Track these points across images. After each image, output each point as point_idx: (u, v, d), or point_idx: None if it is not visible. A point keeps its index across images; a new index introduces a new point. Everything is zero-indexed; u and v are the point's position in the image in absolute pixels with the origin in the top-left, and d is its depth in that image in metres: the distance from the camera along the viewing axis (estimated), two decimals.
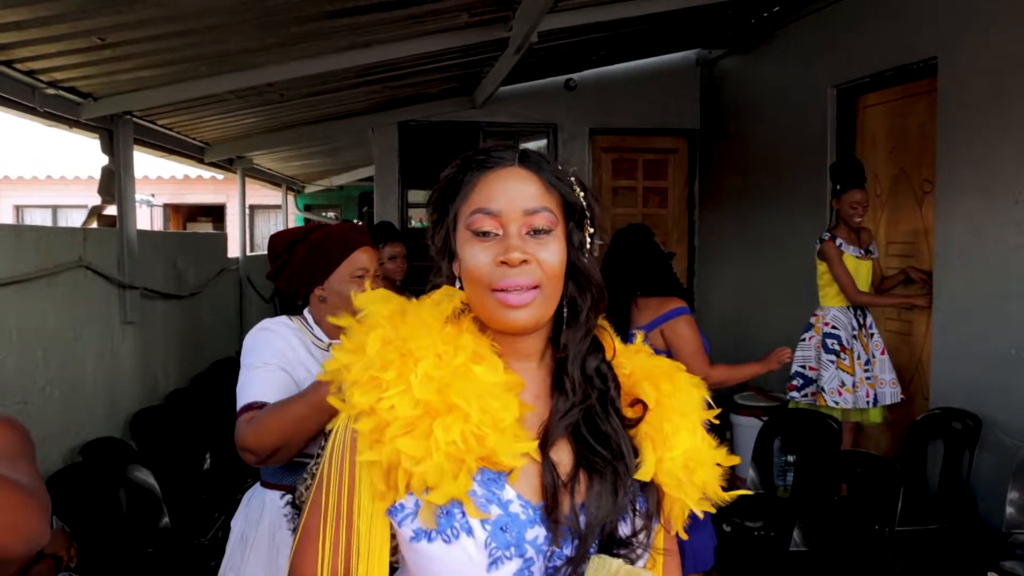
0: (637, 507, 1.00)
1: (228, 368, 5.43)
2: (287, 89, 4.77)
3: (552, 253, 1.00)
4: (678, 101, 6.87)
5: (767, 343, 5.71)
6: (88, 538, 3.12)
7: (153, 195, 13.27)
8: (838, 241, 4.13)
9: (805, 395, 4.22)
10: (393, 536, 1.01)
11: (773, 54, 5.78)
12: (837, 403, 4.05)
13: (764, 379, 5.54)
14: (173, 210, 14.32)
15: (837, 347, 4.09)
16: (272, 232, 2.90)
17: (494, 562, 0.94)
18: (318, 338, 1.98)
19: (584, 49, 5.85)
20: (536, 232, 0.99)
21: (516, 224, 0.99)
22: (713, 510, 1.05)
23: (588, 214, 1.05)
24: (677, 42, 6.44)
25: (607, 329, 1.10)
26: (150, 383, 4.87)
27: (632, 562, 0.98)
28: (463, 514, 0.94)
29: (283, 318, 1.98)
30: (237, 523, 2.01)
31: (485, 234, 0.99)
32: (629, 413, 1.05)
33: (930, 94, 4.12)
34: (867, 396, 4.04)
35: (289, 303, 2.11)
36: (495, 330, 1.02)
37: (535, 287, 0.98)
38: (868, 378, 4.06)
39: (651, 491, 1.02)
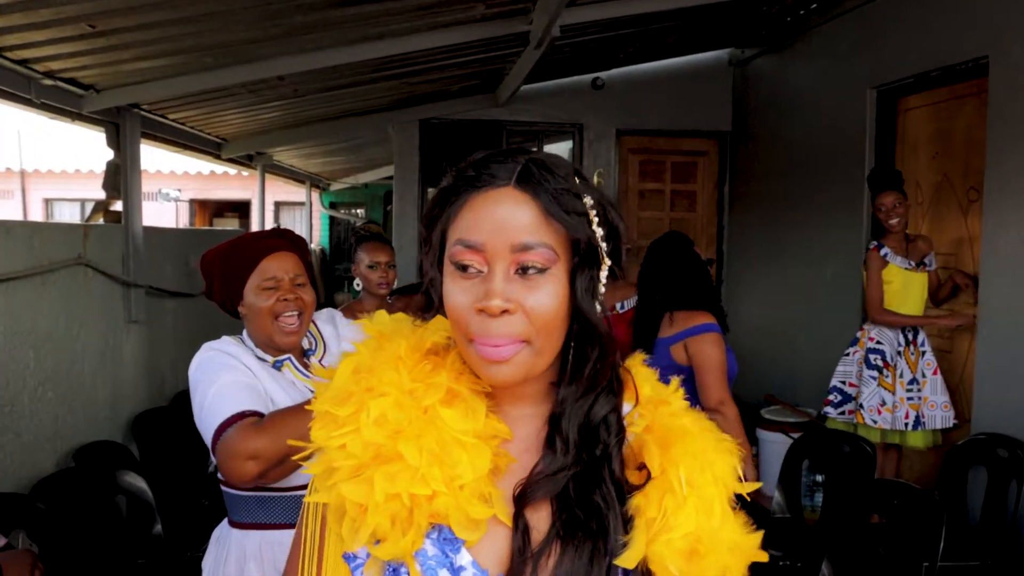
0: None
1: None
2: (300, 83, 4.63)
3: (544, 297, 0.81)
4: (709, 102, 6.63)
5: (797, 353, 5.51)
6: (76, 547, 2.99)
7: (180, 190, 13.27)
8: (883, 250, 3.89)
9: (842, 412, 3.99)
10: None
11: (809, 54, 5.53)
12: (876, 422, 3.81)
13: (794, 392, 5.32)
14: (200, 206, 14.31)
15: (880, 363, 3.85)
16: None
17: None
18: (261, 357, 1.80)
19: (611, 46, 5.64)
20: (526, 270, 0.81)
21: (503, 263, 0.81)
22: None
23: (605, 244, 0.85)
24: (709, 40, 6.21)
25: (631, 374, 0.90)
26: (156, 384, 4.75)
27: None
28: (408, 575, 0.82)
29: (226, 338, 1.80)
30: (207, 563, 1.85)
31: (465, 268, 0.82)
32: (634, 478, 0.85)
33: (979, 96, 3.86)
34: (906, 418, 3.79)
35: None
36: None
37: (521, 341, 0.81)
38: (911, 399, 3.80)
39: None
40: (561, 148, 6.96)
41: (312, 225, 11.32)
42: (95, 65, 3.49)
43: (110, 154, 4.33)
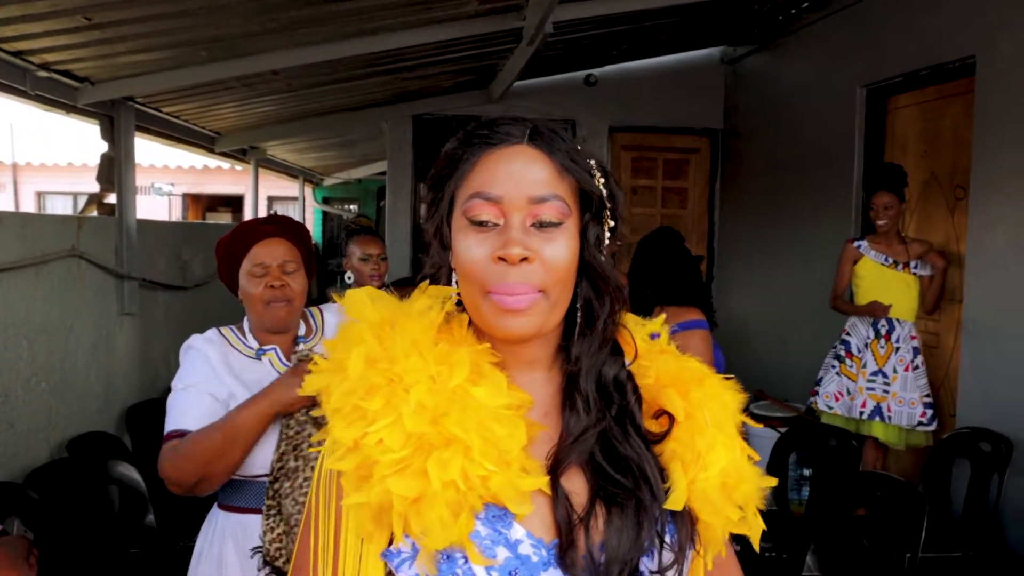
0: (666, 540, 0.85)
1: None
2: (294, 78, 4.65)
3: (560, 249, 0.84)
4: (701, 99, 6.67)
5: (787, 349, 5.56)
6: (69, 536, 3.01)
7: (173, 184, 13.25)
8: (857, 243, 4.04)
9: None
10: None
11: (800, 52, 5.57)
12: (831, 408, 4.01)
13: (784, 387, 5.36)
14: (193, 200, 14.30)
15: (843, 353, 4.04)
16: None
17: None
18: (248, 346, 1.85)
19: (604, 43, 5.67)
20: (543, 225, 0.84)
21: (520, 214, 0.84)
22: (756, 533, 0.90)
23: (608, 204, 0.89)
24: (701, 38, 6.25)
25: (627, 328, 0.93)
26: (149, 376, 4.77)
27: None
28: (466, 559, 0.80)
29: (211, 332, 1.87)
30: (198, 542, 1.91)
31: (483, 223, 0.84)
32: (653, 427, 0.89)
33: (966, 95, 3.90)
34: (863, 407, 3.91)
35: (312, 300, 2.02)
36: (492, 337, 0.87)
37: (538, 291, 0.83)
38: (871, 389, 3.91)
39: (683, 519, 0.86)
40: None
41: (305, 220, 11.33)
42: (90, 58, 3.51)
43: (103, 148, 4.34)
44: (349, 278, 3.35)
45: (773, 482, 0.92)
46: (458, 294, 0.89)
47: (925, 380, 3.89)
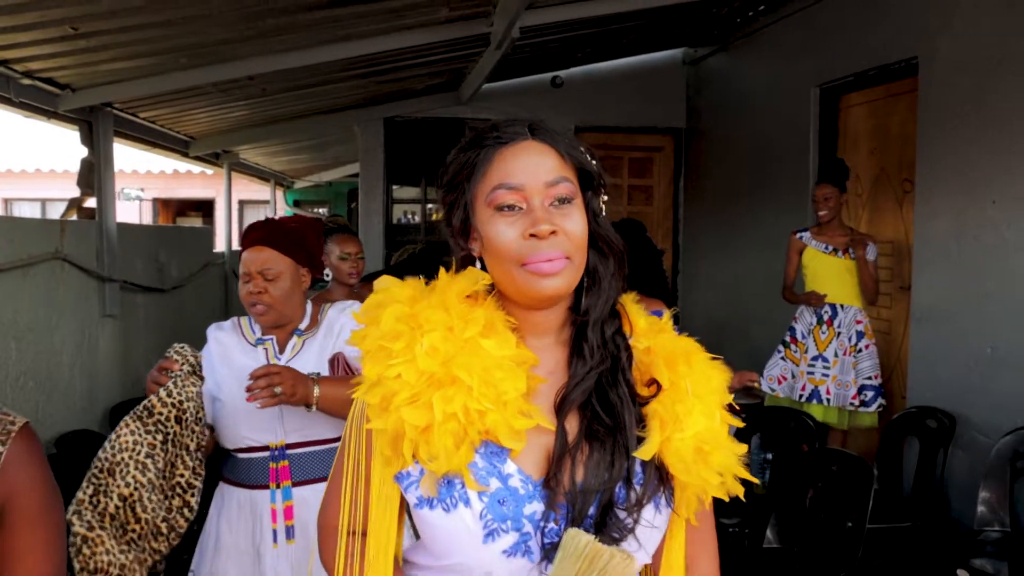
0: (634, 483, 0.99)
1: None
2: (269, 83, 4.76)
3: (576, 223, 1.00)
4: (664, 99, 6.88)
5: (750, 341, 5.77)
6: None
7: (143, 189, 13.22)
8: (799, 234, 4.27)
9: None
10: None
11: (758, 53, 5.79)
12: (773, 390, 4.23)
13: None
14: (163, 205, 14.27)
15: (788, 338, 4.27)
16: None
17: (490, 534, 0.96)
18: (253, 333, 2.03)
19: (570, 46, 5.84)
20: (559, 202, 0.99)
21: (539, 196, 0.99)
22: (726, 498, 1.03)
23: (602, 180, 1.06)
24: (663, 40, 6.44)
25: (625, 305, 1.09)
26: (131, 376, 4.84)
27: (622, 539, 0.96)
28: (462, 485, 0.96)
29: (230, 320, 2.07)
30: (211, 523, 2.03)
31: (510, 208, 0.99)
32: (644, 392, 1.04)
33: (911, 94, 4.13)
34: (802, 389, 4.12)
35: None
36: (522, 304, 1.02)
37: (566, 258, 0.98)
38: (811, 373, 4.12)
39: (650, 469, 1.00)
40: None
41: None
42: (73, 65, 3.60)
43: (73, 153, 4.41)
44: (327, 276, 3.45)
45: (744, 448, 1.05)
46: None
47: (870, 363, 4.07)
